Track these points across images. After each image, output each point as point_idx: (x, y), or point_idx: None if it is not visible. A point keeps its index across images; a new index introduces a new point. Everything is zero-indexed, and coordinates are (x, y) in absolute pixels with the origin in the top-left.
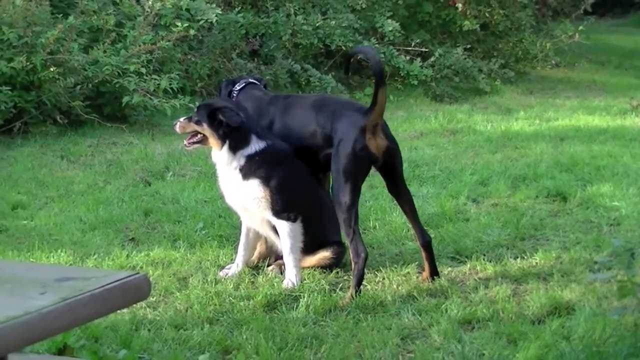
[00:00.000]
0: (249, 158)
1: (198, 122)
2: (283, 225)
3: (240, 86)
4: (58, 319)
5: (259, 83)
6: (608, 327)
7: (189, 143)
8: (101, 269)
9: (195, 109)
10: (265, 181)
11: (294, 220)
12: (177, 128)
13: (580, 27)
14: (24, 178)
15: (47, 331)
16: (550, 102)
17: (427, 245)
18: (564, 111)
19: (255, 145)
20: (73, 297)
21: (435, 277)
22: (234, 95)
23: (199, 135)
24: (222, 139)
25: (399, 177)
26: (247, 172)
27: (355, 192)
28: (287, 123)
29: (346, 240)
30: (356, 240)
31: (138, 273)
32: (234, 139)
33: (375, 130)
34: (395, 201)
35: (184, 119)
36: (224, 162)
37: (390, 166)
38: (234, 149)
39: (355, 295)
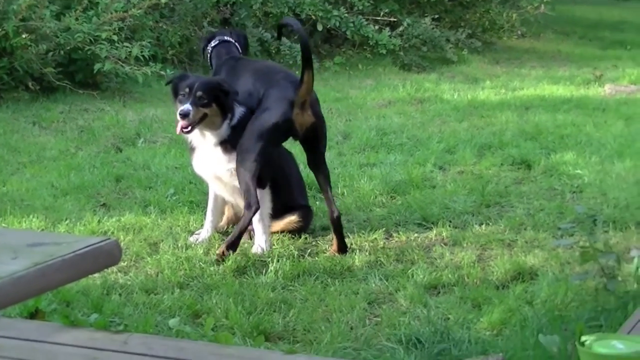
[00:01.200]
0: (234, 129)
1: (206, 105)
2: None
3: (215, 43)
4: (30, 283)
5: (232, 41)
6: (570, 292)
7: (192, 127)
8: (72, 235)
9: (196, 92)
10: None
11: (263, 187)
12: (191, 117)
13: None
14: None
15: (19, 296)
16: (516, 72)
17: (336, 220)
18: (529, 81)
19: (238, 113)
20: (44, 262)
21: (343, 252)
22: (208, 51)
23: (200, 118)
24: (225, 114)
25: (319, 153)
26: (229, 144)
27: (263, 156)
28: (232, 78)
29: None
30: (250, 193)
31: (109, 238)
32: (230, 111)
33: (303, 106)
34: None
35: (192, 108)
36: (219, 137)
37: (311, 142)
38: (229, 121)
39: (232, 248)
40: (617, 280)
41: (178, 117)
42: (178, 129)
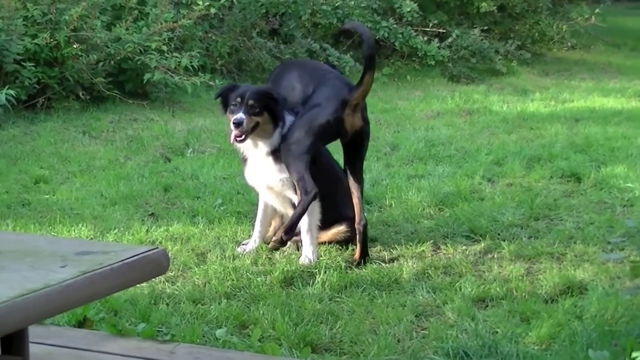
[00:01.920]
0: (285, 137)
1: (258, 113)
2: None
3: None
4: (78, 291)
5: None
6: (620, 307)
7: (246, 136)
8: (121, 244)
9: (248, 101)
10: None
11: (314, 198)
12: (245, 126)
13: (597, 10)
14: (47, 153)
15: (67, 304)
16: (566, 84)
17: (361, 229)
18: (579, 93)
19: (288, 121)
20: (93, 270)
21: (364, 258)
22: None
23: (252, 126)
24: (276, 122)
25: (360, 159)
26: (279, 153)
27: (310, 151)
28: (279, 77)
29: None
30: (306, 181)
31: (157, 248)
32: (281, 119)
33: (355, 109)
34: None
35: (245, 117)
36: (270, 146)
37: (356, 146)
38: (280, 129)
39: (289, 233)
40: None
41: (232, 126)
42: (232, 138)
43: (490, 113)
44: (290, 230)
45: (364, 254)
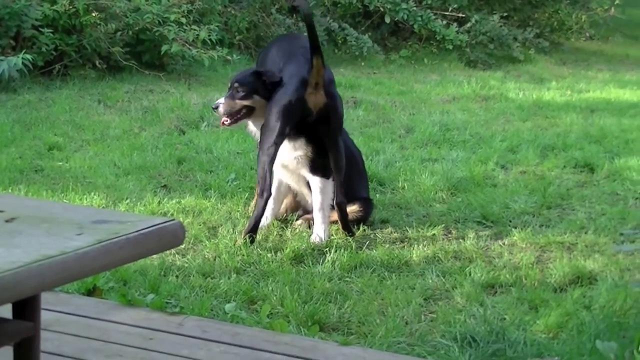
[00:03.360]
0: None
1: (246, 97)
2: (317, 182)
3: None
4: (93, 260)
5: None
6: (629, 299)
7: (233, 120)
8: (137, 214)
9: (234, 84)
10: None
11: (327, 178)
12: (222, 110)
13: (617, 1)
14: (61, 120)
15: (82, 272)
16: (583, 74)
17: (337, 206)
18: (596, 83)
19: None
20: (109, 239)
21: (347, 231)
22: None
23: (244, 111)
24: None
25: (332, 135)
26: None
27: (281, 136)
28: (266, 53)
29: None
30: (265, 180)
31: (173, 219)
32: None
33: (316, 87)
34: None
35: (226, 100)
36: None
37: (324, 123)
38: None
39: (248, 235)
40: None
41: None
42: (221, 123)
43: (506, 100)
44: (252, 231)
45: (345, 227)
